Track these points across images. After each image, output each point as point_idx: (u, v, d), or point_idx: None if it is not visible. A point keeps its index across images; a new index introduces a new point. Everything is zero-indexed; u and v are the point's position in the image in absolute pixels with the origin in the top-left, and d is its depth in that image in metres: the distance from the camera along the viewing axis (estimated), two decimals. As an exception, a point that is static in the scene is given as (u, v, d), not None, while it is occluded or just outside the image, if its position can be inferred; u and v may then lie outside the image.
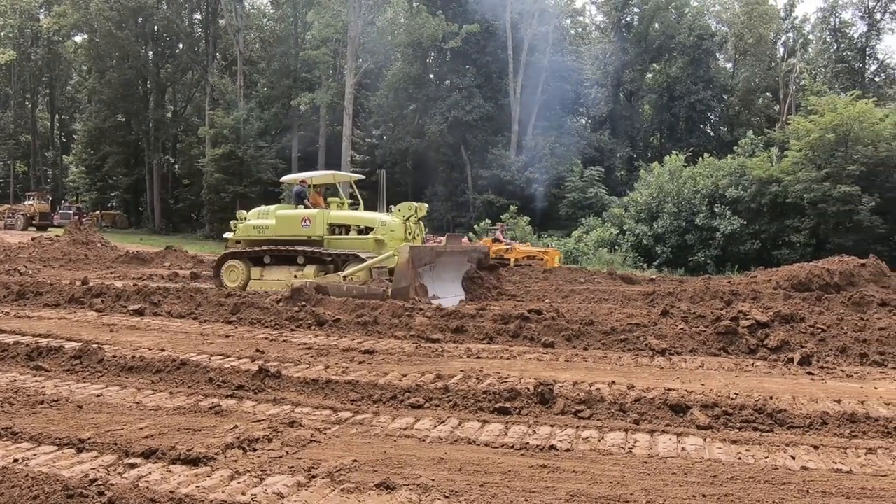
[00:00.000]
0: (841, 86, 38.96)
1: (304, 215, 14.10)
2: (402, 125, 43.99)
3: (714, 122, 47.65)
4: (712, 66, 45.23)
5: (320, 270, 13.50)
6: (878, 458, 4.50)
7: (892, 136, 27.03)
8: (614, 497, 3.77)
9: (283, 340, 8.48)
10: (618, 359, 7.68)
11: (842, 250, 20.82)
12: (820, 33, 44.28)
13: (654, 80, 46.44)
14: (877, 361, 7.55)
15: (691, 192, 29.83)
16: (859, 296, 12.32)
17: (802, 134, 28.29)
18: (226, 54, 50.33)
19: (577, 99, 47.25)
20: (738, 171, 30.10)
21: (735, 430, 5.03)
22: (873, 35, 41.39)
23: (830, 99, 29.22)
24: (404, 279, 11.41)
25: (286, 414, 5.22)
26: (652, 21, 45.50)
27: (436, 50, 45.08)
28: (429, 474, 4.03)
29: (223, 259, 14.63)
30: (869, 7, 40.68)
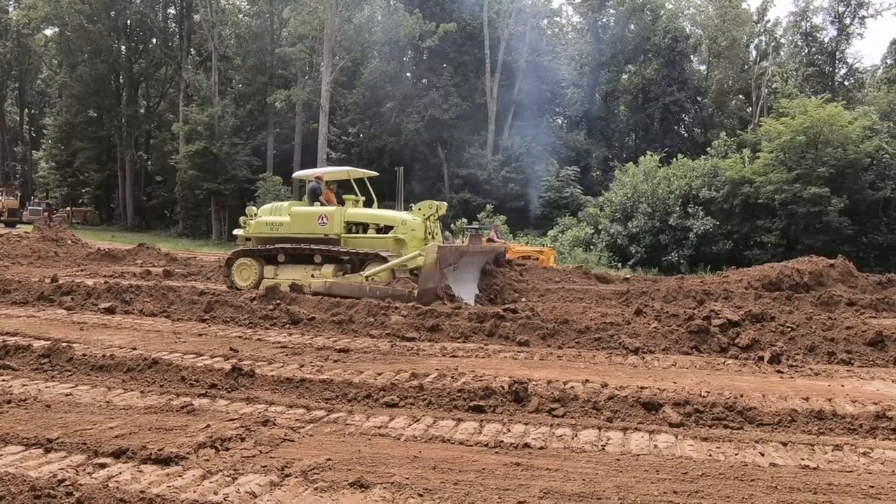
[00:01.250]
0: (812, 89, 39.61)
1: (320, 212, 13.62)
2: (379, 123, 43.86)
3: (688, 123, 48.17)
4: (686, 68, 45.70)
5: (338, 270, 13.11)
6: (844, 455, 4.59)
7: (860, 138, 27.55)
8: (587, 494, 3.81)
9: (257, 339, 8.42)
10: (592, 357, 7.75)
11: (811, 251, 21.19)
12: (791, 37, 44.99)
13: (629, 81, 46.82)
14: (844, 360, 7.70)
15: (665, 192, 30.13)
16: (828, 295, 12.56)
17: (774, 136, 28.72)
18: (200, 50, 49.75)
19: (553, 99, 47.49)
20: (712, 172, 30.48)
21: (706, 428, 5.10)
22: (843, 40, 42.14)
23: (801, 102, 29.68)
24: (431, 280, 11.14)
25: (259, 413, 5.19)
26: (627, 22, 45.87)
27: (413, 48, 45.04)
28: (403, 473, 4.03)
29: (234, 257, 14.09)
30: (839, 12, 41.40)
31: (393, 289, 11.65)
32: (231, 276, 13.86)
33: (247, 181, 40.97)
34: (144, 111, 53.96)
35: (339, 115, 46.16)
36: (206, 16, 43.23)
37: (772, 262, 19.43)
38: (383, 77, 43.32)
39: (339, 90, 43.71)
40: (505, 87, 43.54)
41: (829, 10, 41.80)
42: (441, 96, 41.61)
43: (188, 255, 22.66)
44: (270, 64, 44.34)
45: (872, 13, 41.12)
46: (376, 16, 42.11)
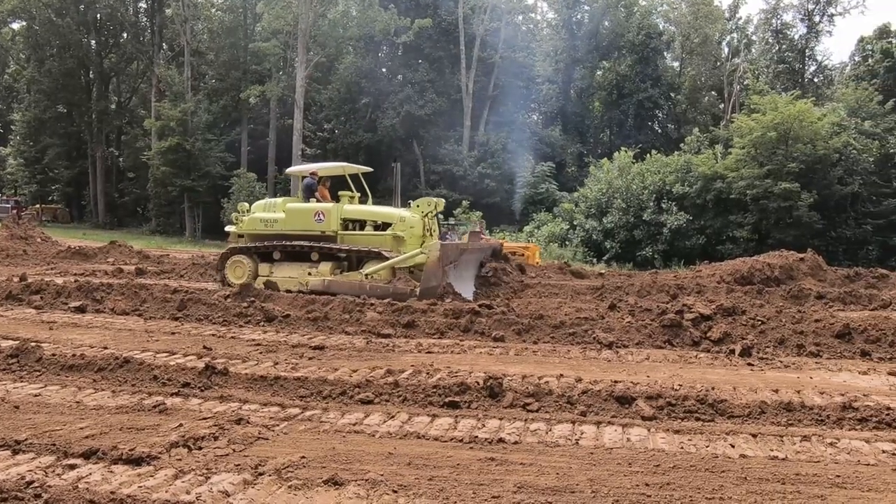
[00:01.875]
0: (782, 86, 40.19)
1: (317, 209, 13.36)
2: (355, 119, 43.66)
3: (662, 119, 48.62)
4: (660, 64, 46.09)
5: (336, 267, 12.96)
6: (811, 445, 4.68)
7: (829, 134, 28.01)
8: (561, 488, 3.84)
9: (231, 337, 8.35)
10: (566, 352, 7.80)
11: (782, 245, 21.52)
12: (762, 34, 45.56)
13: (603, 77, 47.10)
14: (812, 352, 7.84)
15: (639, 188, 30.39)
16: (797, 289, 12.77)
17: (745, 132, 29.09)
18: (172, 45, 49.08)
19: (528, 95, 47.62)
20: (685, 168, 30.79)
21: (678, 421, 5.16)
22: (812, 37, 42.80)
23: (772, 98, 30.09)
24: (434, 278, 11.10)
25: (233, 411, 5.15)
26: (602, 19, 46.13)
27: (388, 44, 44.87)
28: (378, 469, 4.03)
29: (228, 254, 13.82)
30: (808, 10, 42.02)
31: (394, 287, 11.58)
32: (224, 273, 13.61)
33: (221, 178, 40.56)
34: (115, 107, 53.09)
35: (314, 110, 45.87)
36: (178, 10, 42.65)
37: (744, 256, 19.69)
38: (358, 73, 43.11)
39: (313, 86, 43.42)
40: (480, 83, 43.58)
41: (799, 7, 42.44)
42: (416, 92, 41.52)
43: (161, 253, 22.39)
44: (244, 59, 43.90)
45: (840, 11, 41.87)
46: (351, 11, 41.86)
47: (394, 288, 11.50)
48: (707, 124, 41.96)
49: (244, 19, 44.25)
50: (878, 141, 29.25)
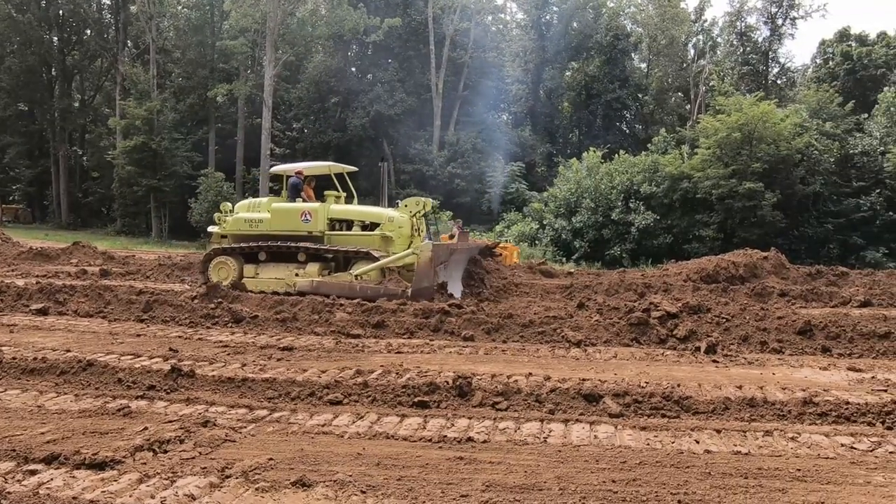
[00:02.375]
0: (746, 87, 40.87)
1: (303, 209, 13.17)
2: (324, 118, 43.39)
3: (629, 120, 49.14)
4: (628, 65, 46.58)
5: (324, 268, 12.79)
6: (773, 440, 4.78)
7: (791, 135, 28.57)
8: (529, 486, 3.87)
9: (198, 338, 8.26)
10: (535, 351, 7.86)
11: (747, 244, 21.91)
12: (727, 37, 46.27)
13: (572, 77, 47.45)
14: (775, 349, 8.00)
15: (608, 187, 30.67)
16: (761, 287, 13.03)
17: (711, 132, 29.53)
18: (137, 42, 48.26)
19: (498, 95, 47.78)
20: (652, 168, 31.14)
21: (644, 417, 5.24)
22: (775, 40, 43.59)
23: (736, 99, 30.59)
24: (426, 279, 11.06)
25: (200, 414, 5.10)
26: (570, 20, 46.47)
27: (357, 43, 44.68)
28: (346, 470, 4.02)
29: (211, 255, 13.48)
30: (771, 13, 42.79)
31: (385, 288, 11.49)
32: (208, 275, 13.31)
33: (188, 177, 40.02)
34: (79, 105, 52.04)
35: (283, 110, 45.49)
36: (143, 7, 41.94)
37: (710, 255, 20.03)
38: (327, 72, 42.86)
39: (282, 85, 43.05)
40: (450, 82, 43.62)
41: (763, 10, 43.18)
42: (386, 92, 41.42)
43: (126, 254, 22.02)
44: (211, 57, 43.36)
45: (802, 14, 42.66)
46: (320, 10, 41.59)
47: (385, 289, 11.42)
48: (674, 125, 42.53)
49: (211, 17, 43.71)
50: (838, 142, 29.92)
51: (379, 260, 12.22)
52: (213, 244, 14.05)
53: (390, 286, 11.55)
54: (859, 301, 11.97)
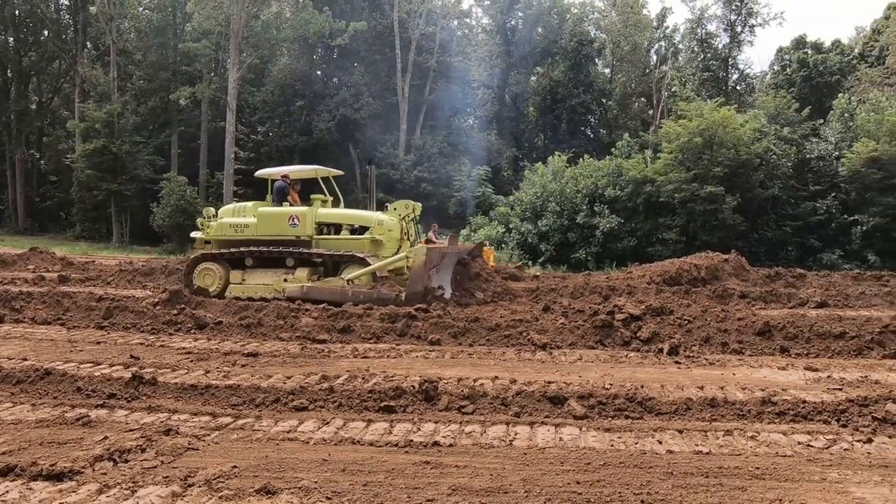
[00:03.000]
0: (707, 93, 41.61)
1: (290, 213, 12.96)
2: (289, 122, 42.99)
3: (594, 124, 49.65)
4: (592, 71, 47.09)
5: (313, 273, 12.59)
6: (734, 440, 4.87)
7: (750, 140, 29.17)
8: (494, 489, 3.89)
9: (160, 345, 8.13)
10: (501, 354, 7.90)
11: (708, 246, 22.30)
12: (688, 43, 47.08)
13: (537, 83, 47.82)
14: (735, 349, 8.17)
15: (573, 191, 30.95)
16: (722, 289, 13.27)
17: (673, 137, 30.00)
18: (97, 43, 47.26)
19: (464, 99, 47.91)
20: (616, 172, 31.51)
21: (608, 419, 5.30)
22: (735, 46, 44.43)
23: (697, 105, 31.14)
24: (421, 282, 11.01)
25: (162, 422, 5.02)
26: (535, 25, 46.83)
27: (323, 46, 44.43)
28: (311, 476, 4.00)
29: (196, 261, 13.17)
30: (731, 20, 43.64)
31: (378, 292, 11.39)
32: (192, 282, 13.01)
33: (149, 181, 39.30)
34: (36, 107, 50.77)
35: (248, 113, 44.98)
36: (103, 8, 41.13)
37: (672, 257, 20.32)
38: (293, 75, 42.52)
39: (246, 88, 42.59)
40: (416, 86, 43.61)
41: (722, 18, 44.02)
42: (352, 95, 41.23)
43: (86, 259, 21.56)
44: (174, 60, 42.69)
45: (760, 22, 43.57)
46: (285, 12, 41.25)
47: (378, 293, 11.32)
48: (637, 129, 43.10)
49: (173, 19, 43.04)
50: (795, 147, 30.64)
51: (370, 264, 12.08)
52: (197, 250, 13.74)
53: (384, 290, 11.45)
54: (816, 302, 12.27)
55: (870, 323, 8.81)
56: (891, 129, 27.98)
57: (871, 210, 27.25)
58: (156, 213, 35.50)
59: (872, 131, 28.74)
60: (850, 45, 46.49)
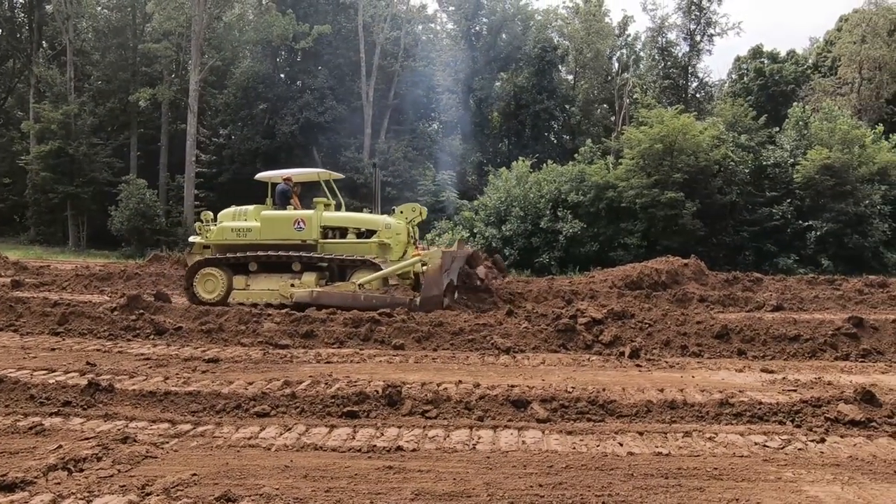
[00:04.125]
0: (668, 100, 42.37)
1: (296, 217, 12.70)
2: (252, 125, 42.54)
3: (557, 130, 50.15)
4: (555, 77, 47.56)
5: (320, 278, 12.32)
6: (693, 441, 4.96)
7: (709, 147, 29.74)
8: (457, 493, 3.89)
9: (117, 351, 7.97)
10: (465, 358, 7.92)
11: (669, 251, 22.67)
12: (649, 51, 47.94)
13: (501, 88, 48.13)
14: (695, 352, 8.31)
15: (536, 196, 31.16)
16: (682, 293, 13.51)
17: (634, 143, 30.43)
18: (53, 43, 46.16)
19: (428, 104, 47.99)
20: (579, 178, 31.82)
21: (571, 422, 5.35)
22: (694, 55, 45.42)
23: (658, 112, 31.65)
24: (436, 287, 10.91)
25: (119, 430, 4.92)
26: (499, 31, 47.16)
27: (286, 49, 44.10)
28: (273, 483, 3.95)
29: (197, 267, 12.76)
30: (690, 30, 44.58)
31: (392, 297, 11.24)
32: (194, 288, 12.64)
33: (108, 184, 38.51)
34: (-12, 107, 49.42)
35: (209, 115, 44.35)
36: (60, 7, 40.22)
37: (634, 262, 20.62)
38: (255, 78, 42.09)
39: (208, 90, 42.03)
40: (381, 91, 43.54)
41: (682, 27, 44.95)
42: (316, 99, 40.98)
43: (41, 264, 21.00)
44: (133, 60, 41.94)
45: (719, 32, 44.61)
46: (247, 14, 40.86)
47: (391, 298, 11.18)
48: (599, 136, 43.64)
49: (133, 19, 42.31)
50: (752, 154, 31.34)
51: (381, 268, 11.91)
52: (195, 255, 13.33)
53: (398, 295, 11.31)
54: (772, 306, 12.56)
55: (823, 326, 9.03)
56: (842, 137, 28.82)
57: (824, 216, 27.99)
58: (114, 217, 34.80)
59: (825, 139, 29.54)
60: (805, 56, 47.79)
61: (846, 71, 40.44)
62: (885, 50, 39.15)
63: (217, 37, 38.77)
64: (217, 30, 38.62)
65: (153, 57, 40.10)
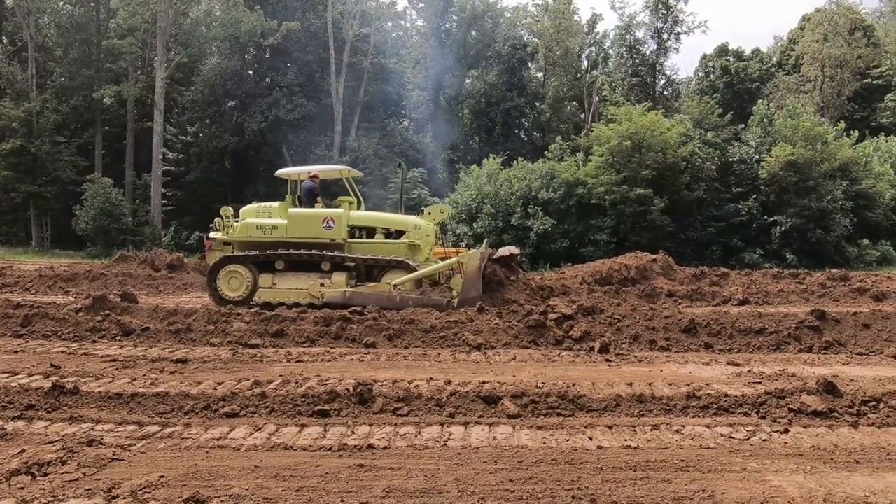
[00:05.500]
0: (636, 97, 42.79)
1: (325, 215, 12.45)
2: (220, 123, 42.00)
3: (527, 127, 50.35)
4: (525, 74, 47.74)
5: (350, 278, 12.08)
6: (660, 434, 5.03)
7: (677, 144, 30.13)
8: (428, 490, 3.90)
9: (83, 353, 7.83)
10: (437, 355, 7.93)
11: (638, 247, 22.93)
12: (618, 49, 48.33)
13: (472, 85, 48.16)
14: (663, 346, 8.43)
15: (507, 193, 31.28)
16: (651, 288, 13.66)
17: (604, 140, 30.70)
18: (14, 39, 45.13)
19: (399, 101, 47.85)
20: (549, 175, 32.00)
21: (541, 417, 5.39)
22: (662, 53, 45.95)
23: (627, 109, 31.97)
24: (474, 288, 10.87)
25: (84, 433, 4.84)
26: (469, 29, 47.19)
27: (255, 46, 43.64)
28: (242, 484, 3.93)
29: (220, 264, 12.39)
30: (658, 28, 45.09)
31: (429, 298, 11.13)
32: (217, 286, 12.32)
33: (72, 183, 37.77)
34: (-54, 105, 48.12)
35: (176, 113, 43.71)
36: (20, 1, 39.33)
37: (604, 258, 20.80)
38: (223, 75, 41.58)
39: (175, 87, 41.42)
40: (351, 88, 43.30)
41: (650, 25, 45.42)
42: (285, 96, 40.62)
43: (3, 265, 20.54)
44: (97, 57, 41.14)
45: (686, 30, 45.17)
46: (214, 10, 40.31)
47: (428, 299, 11.09)
48: (569, 133, 43.96)
49: (97, 14, 41.50)
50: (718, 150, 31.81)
51: (416, 269, 11.82)
52: (215, 252, 12.97)
53: (434, 296, 11.22)
54: (738, 300, 12.77)
55: (787, 319, 9.21)
56: (805, 134, 29.39)
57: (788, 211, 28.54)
58: (79, 216, 34.15)
59: (789, 136, 30.11)
60: (769, 54, 48.64)
61: (809, 69, 41.25)
62: (846, 49, 40.02)
63: (184, 33, 38.20)
64: (183, 26, 38.04)
65: (118, 53, 39.39)
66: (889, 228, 29.94)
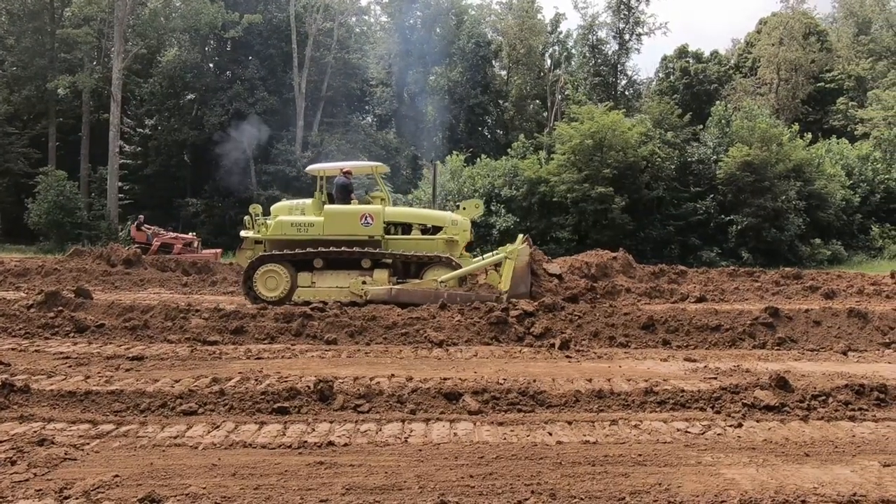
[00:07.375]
0: (598, 97, 43.28)
1: (362, 211, 12.25)
2: (179, 115, 41.28)
3: (491, 125, 50.57)
4: (489, 72, 47.94)
5: (391, 275, 11.85)
6: (619, 429, 5.10)
7: (637, 143, 30.63)
8: (389, 486, 3.90)
9: (34, 350, 7.63)
10: (399, 352, 7.92)
11: (599, 245, 23.21)
12: (580, 49, 48.83)
13: (436, 82, 48.16)
14: (622, 343, 8.55)
15: (470, 190, 31.41)
16: (611, 285, 13.82)
17: (566, 139, 31.05)
18: (-38, 26, 43.73)
19: (362, 97, 47.60)
20: (512, 172, 32.25)
21: (502, 413, 5.43)
22: (623, 53, 46.58)
23: (589, 109, 32.37)
24: (523, 284, 10.87)
25: (35, 432, 4.72)
26: (433, 25, 47.16)
27: (216, 38, 42.96)
28: (200, 482, 3.87)
29: (256, 263, 12.05)
30: (619, 28, 45.68)
31: (477, 294, 11.04)
32: (254, 286, 11.96)
33: (24, 175, 36.75)
34: None
35: (134, 105, 42.82)
36: (-30, -12, 38.10)
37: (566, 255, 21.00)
38: (183, 67, 40.85)
39: (132, 78, 40.53)
40: (313, 83, 42.91)
41: (612, 26, 45.98)
42: (247, 90, 40.09)
43: (-51, 259, 19.88)
44: (51, 46, 40.04)
45: (647, 31, 45.86)
46: (174, 1, 39.56)
47: (476, 295, 10.99)
48: (532, 131, 44.22)
49: (51, 2, 40.38)
50: (678, 150, 32.42)
51: (459, 266, 11.78)
52: (246, 251, 12.65)
53: (482, 292, 11.15)
54: (695, 297, 13.02)
55: (742, 316, 9.41)
56: (761, 135, 30.09)
57: (744, 210, 29.21)
58: (31, 210, 33.25)
59: (746, 137, 30.81)
60: (727, 56, 49.62)
61: (765, 72, 42.22)
62: (801, 52, 41.05)
63: (142, 23, 37.42)
64: (142, 16, 37.26)
65: (73, 43, 38.42)
66: (840, 228, 30.86)
